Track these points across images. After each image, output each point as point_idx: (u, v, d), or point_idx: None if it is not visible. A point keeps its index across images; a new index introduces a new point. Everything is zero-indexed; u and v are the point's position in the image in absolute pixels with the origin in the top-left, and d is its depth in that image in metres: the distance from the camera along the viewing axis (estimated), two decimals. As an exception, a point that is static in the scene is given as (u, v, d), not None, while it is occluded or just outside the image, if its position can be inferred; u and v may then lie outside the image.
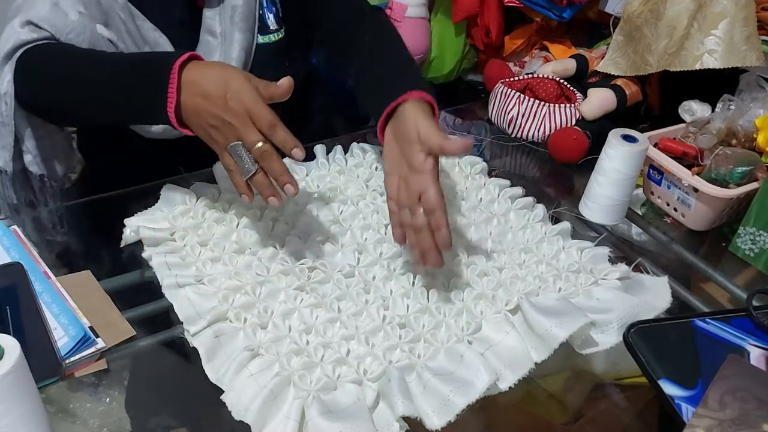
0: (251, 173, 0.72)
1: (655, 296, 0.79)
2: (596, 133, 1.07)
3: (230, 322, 0.72)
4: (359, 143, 1.02)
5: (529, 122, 1.11)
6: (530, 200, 0.93)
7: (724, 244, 0.94)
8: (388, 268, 0.80)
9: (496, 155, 1.11)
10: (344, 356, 0.69)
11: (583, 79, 1.20)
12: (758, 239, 0.88)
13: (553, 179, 1.07)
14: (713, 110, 1.02)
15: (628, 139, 0.90)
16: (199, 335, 0.71)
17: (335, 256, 0.82)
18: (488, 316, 0.74)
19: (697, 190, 0.91)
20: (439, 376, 0.67)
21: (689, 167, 0.94)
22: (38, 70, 0.82)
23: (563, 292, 0.78)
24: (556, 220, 0.92)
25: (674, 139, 1.01)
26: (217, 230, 0.83)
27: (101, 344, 0.69)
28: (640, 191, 1.02)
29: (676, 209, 0.96)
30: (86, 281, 0.77)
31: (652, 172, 0.98)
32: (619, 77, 1.14)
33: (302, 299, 0.75)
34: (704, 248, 0.94)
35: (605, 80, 1.15)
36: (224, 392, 0.65)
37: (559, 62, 1.22)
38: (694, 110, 1.04)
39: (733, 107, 0.99)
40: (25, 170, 0.88)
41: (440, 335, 0.72)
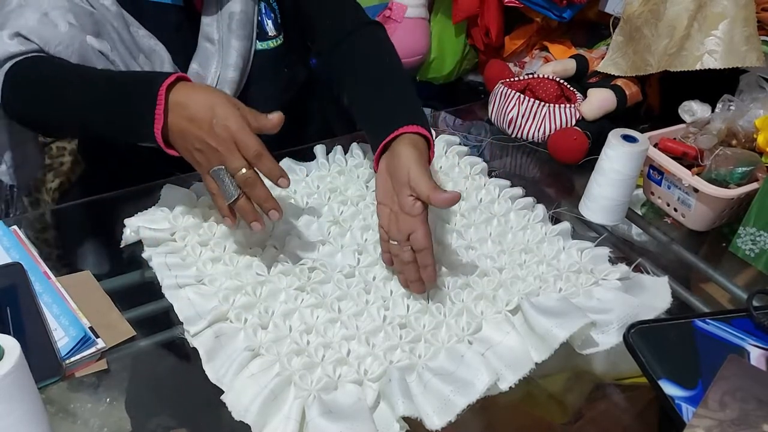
0: (233, 198, 0.73)
1: (655, 296, 0.79)
2: (596, 133, 1.07)
3: (231, 322, 0.72)
4: (359, 143, 1.02)
5: (529, 122, 1.11)
6: (530, 200, 0.93)
7: (724, 244, 0.94)
8: (388, 268, 0.80)
9: (496, 155, 1.11)
10: (345, 356, 0.69)
11: (583, 79, 1.20)
12: (758, 239, 0.88)
13: (553, 179, 1.07)
14: (713, 110, 1.02)
15: (628, 139, 0.90)
16: (199, 335, 0.70)
17: (335, 256, 0.82)
18: (489, 316, 0.74)
19: (697, 190, 0.91)
20: (439, 376, 0.67)
21: (689, 167, 0.94)
22: (27, 85, 0.81)
23: (564, 292, 0.78)
24: (556, 220, 0.92)
25: (674, 139, 1.01)
26: (217, 230, 0.83)
27: (101, 344, 0.69)
28: (640, 191, 1.02)
29: (676, 209, 0.97)
30: (86, 281, 0.77)
31: (652, 172, 0.98)
32: (619, 77, 1.14)
33: (303, 299, 0.75)
34: (704, 248, 0.94)
35: (605, 80, 1.15)
36: (224, 392, 0.65)
37: (559, 62, 1.22)
38: (694, 110, 1.04)
39: (733, 107, 0.99)
40: None
41: (441, 335, 0.72)
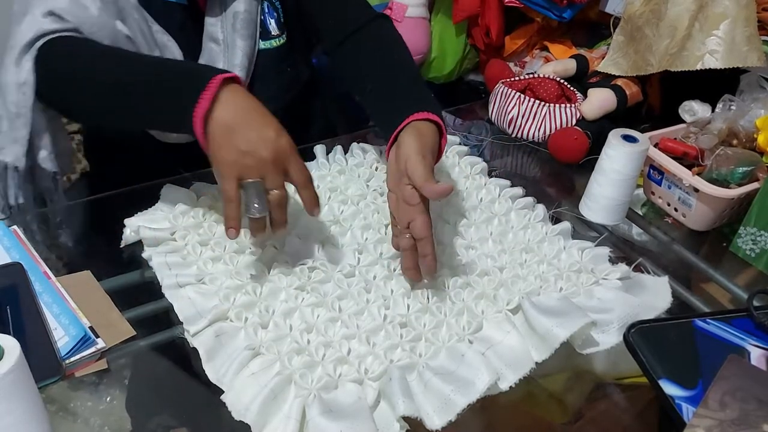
0: (259, 214, 0.71)
1: (655, 296, 0.79)
2: (596, 133, 1.07)
3: (231, 321, 0.72)
4: (359, 143, 1.02)
5: (529, 122, 1.11)
6: (531, 200, 0.93)
7: (724, 244, 0.94)
8: (388, 267, 0.80)
9: (496, 155, 1.11)
10: (345, 355, 0.69)
11: (583, 79, 1.20)
12: (759, 239, 0.88)
13: (553, 179, 1.07)
14: (714, 110, 1.02)
15: (628, 139, 0.90)
16: (199, 335, 0.70)
17: (336, 255, 0.82)
18: (489, 315, 0.74)
19: (697, 190, 0.91)
20: (440, 375, 0.67)
21: (690, 167, 0.94)
22: (63, 62, 0.79)
23: (564, 291, 0.78)
24: (556, 220, 0.92)
25: (675, 139, 1.01)
26: (217, 230, 0.83)
27: (101, 344, 0.69)
28: (640, 191, 1.02)
29: (676, 209, 0.96)
30: (86, 281, 0.77)
31: (652, 172, 0.98)
32: (619, 77, 1.14)
33: (303, 298, 0.75)
34: (705, 248, 0.94)
35: (605, 80, 1.15)
36: (224, 392, 0.65)
37: (559, 62, 1.22)
38: (694, 110, 1.04)
39: (733, 107, 0.99)
40: (32, 167, 0.85)
41: (441, 334, 0.72)
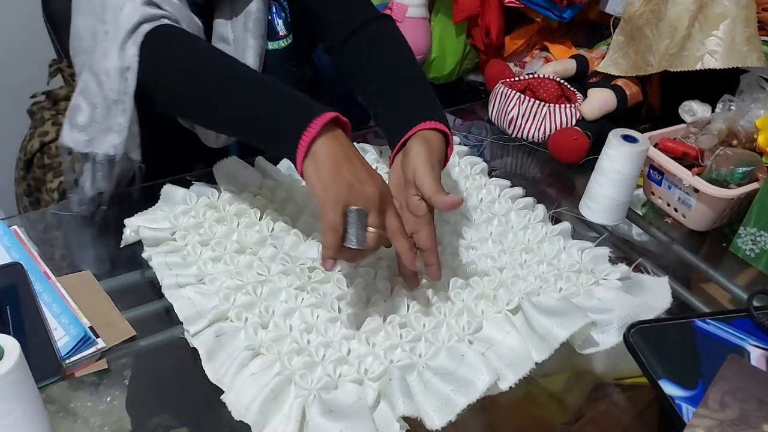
0: (357, 246, 0.68)
1: (655, 296, 0.79)
2: (596, 133, 1.07)
3: (231, 321, 0.72)
4: (359, 143, 1.02)
5: (529, 122, 1.11)
6: (531, 200, 0.93)
7: (724, 244, 0.94)
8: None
9: (496, 155, 1.11)
10: (345, 356, 0.69)
11: (583, 79, 1.20)
12: (759, 239, 0.88)
13: (553, 179, 1.07)
14: (714, 111, 1.02)
15: (628, 139, 0.90)
16: (199, 335, 0.70)
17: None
18: (489, 315, 0.74)
19: (697, 190, 0.91)
20: (439, 375, 0.67)
21: (690, 167, 0.94)
22: (173, 53, 0.79)
23: (564, 292, 0.78)
24: (556, 220, 0.92)
25: (675, 139, 1.01)
26: (217, 230, 0.83)
27: (101, 344, 0.69)
28: (640, 191, 1.02)
29: (676, 209, 0.96)
30: (86, 281, 0.77)
31: (652, 172, 0.98)
32: (619, 77, 1.15)
33: (303, 299, 0.75)
34: (705, 248, 0.94)
35: (605, 80, 1.15)
36: (224, 392, 0.65)
37: (559, 62, 1.22)
38: (694, 110, 1.04)
39: (733, 108, 0.99)
40: (112, 157, 0.82)
41: (441, 335, 0.72)
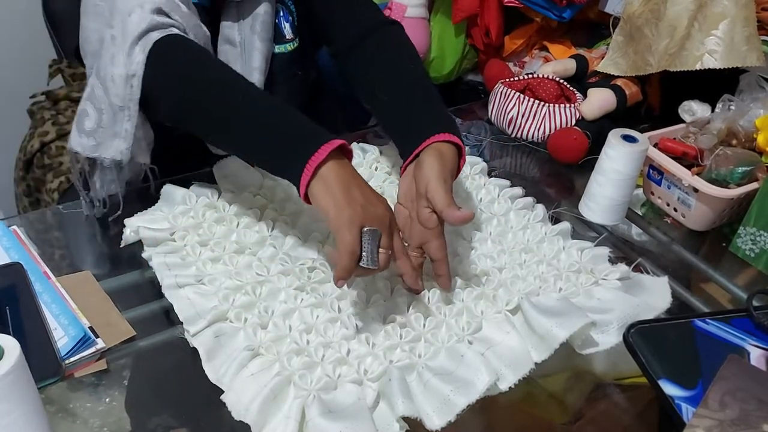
0: (371, 266, 0.68)
1: (655, 296, 0.79)
2: (596, 133, 1.07)
3: (230, 321, 0.72)
4: (359, 143, 1.02)
5: (529, 122, 1.11)
6: (530, 200, 0.93)
7: (724, 244, 0.94)
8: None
9: (496, 155, 1.11)
10: (345, 356, 0.69)
11: (583, 79, 1.20)
12: (758, 239, 0.88)
13: (553, 179, 1.07)
14: (713, 110, 1.02)
15: (628, 139, 0.90)
16: (199, 335, 0.70)
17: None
18: (489, 316, 0.74)
19: (697, 190, 0.91)
20: (439, 375, 0.67)
21: (689, 167, 0.94)
22: (181, 65, 0.78)
23: (564, 292, 0.78)
24: (556, 220, 0.92)
25: (674, 139, 1.01)
26: (217, 230, 0.83)
27: (101, 344, 0.69)
28: (640, 191, 1.02)
29: (676, 209, 0.96)
30: (86, 281, 0.77)
31: (652, 172, 0.98)
32: (619, 77, 1.14)
33: (302, 299, 0.75)
34: (704, 248, 0.94)
35: (605, 80, 1.15)
36: (224, 392, 0.65)
37: (559, 62, 1.22)
38: (694, 110, 1.04)
39: (733, 107, 0.99)
40: (119, 162, 0.83)
41: (441, 335, 0.72)
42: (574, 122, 1.10)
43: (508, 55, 1.36)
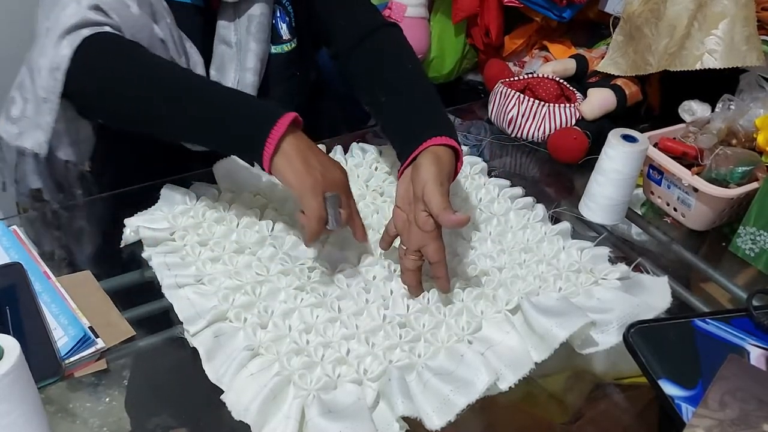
0: (337, 227, 0.76)
1: (655, 296, 0.79)
2: (596, 133, 1.07)
3: (230, 321, 0.72)
4: (359, 143, 1.02)
5: (529, 122, 1.11)
6: (530, 200, 0.93)
7: (724, 244, 0.94)
8: (388, 268, 0.80)
9: (496, 155, 1.11)
10: (344, 356, 0.69)
11: (583, 79, 1.20)
12: (758, 239, 0.88)
13: (553, 179, 1.07)
14: (713, 110, 1.02)
15: (628, 139, 0.90)
16: (198, 335, 0.70)
17: (335, 255, 0.82)
18: (488, 315, 0.74)
19: (697, 190, 0.91)
20: (439, 375, 0.67)
21: (689, 167, 0.94)
22: (114, 59, 0.78)
23: (563, 291, 0.78)
24: (556, 220, 0.92)
25: (674, 139, 1.01)
26: (217, 230, 0.83)
27: (101, 344, 0.69)
28: (640, 191, 1.02)
29: (676, 209, 0.96)
30: (86, 281, 0.77)
31: (652, 172, 0.98)
32: (619, 77, 1.14)
33: (302, 299, 0.75)
34: (704, 248, 0.94)
35: (605, 80, 1.15)
36: (224, 392, 0.65)
37: (559, 62, 1.22)
38: (694, 110, 1.03)
39: (733, 107, 0.99)
40: (48, 156, 0.83)
41: (440, 335, 0.72)
42: (574, 122, 1.10)
43: (508, 54, 1.37)
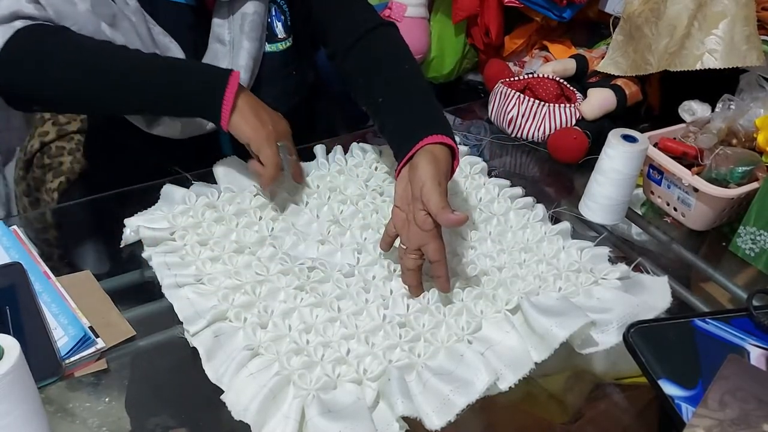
0: (288, 171, 0.89)
1: (655, 296, 0.79)
2: (596, 133, 1.07)
3: (230, 321, 0.72)
4: (359, 143, 1.02)
5: (529, 122, 1.11)
6: (530, 200, 0.93)
7: (724, 243, 0.94)
8: (387, 267, 0.80)
9: (496, 155, 1.11)
10: (344, 355, 0.69)
11: (583, 79, 1.20)
12: (758, 239, 0.88)
13: (553, 179, 1.07)
14: (713, 110, 1.02)
15: (628, 139, 0.90)
16: (198, 335, 0.70)
17: (335, 255, 0.82)
18: (488, 315, 0.74)
19: (697, 189, 0.91)
20: (439, 375, 0.67)
21: (689, 167, 0.94)
22: (48, 49, 0.80)
23: (563, 291, 0.78)
24: (556, 219, 0.92)
25: (674, 139, 1.01)
26: (216, 230, 0.83)
27: (101, 344, 0.69)
28: (640, 191, 1.02)
29: (676, 209, 0.96)
30: (86, 281, 0.77)
31: (652, 171, 0.98)
32: (619, 77, 1.14)
33: (302, 299, 0.75)
34: (704, 248, 0.94)
35: (605, 80, 1.15)
36: (224, 392, 0.65)
37: (559, 62, 1.22)
38: (694, 110, 1.03)
39: (733, 107, 0.99)
40: None
41: (440, 335, 0.72)
42: (574, 122, 1.10)
43: (508, 54, 1.36)
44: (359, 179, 0.94)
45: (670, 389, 0.65)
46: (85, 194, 0.94)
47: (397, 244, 0.80)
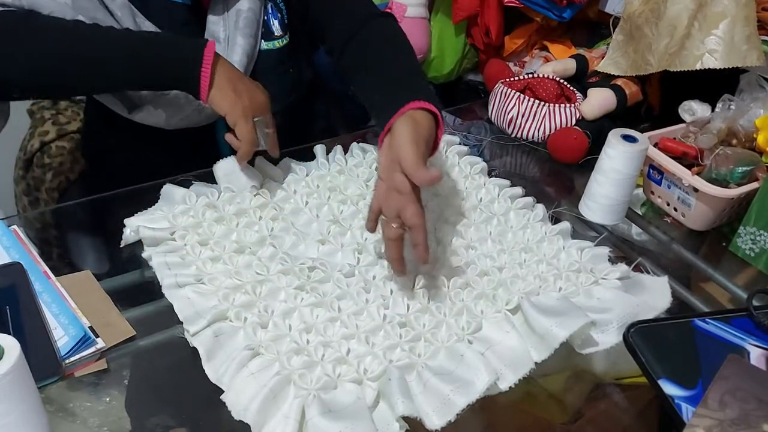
0: (266, 146, 0.87)
1: (655, 296, 0.79)
2: (596, 133, 1.07)
3: (230, 321, 0.72)
4: (359, 143, 1.02)
5: (529, 122, 1.11)
6: (530, 200, 0.93)
7: (724, 243, 0.94)
8: (388, 267, 0.80)
9: (496, 155, 1.11)
10: (344, 355, 0.69)
11: (583, 79, 1.20)
12: (758, 239, 0.88)
13: (553, 179, 1.07)
14: (713, 110, 1.02)
15: (628, 139, 0.90)
16: (198, 335, 0.70)
17: (335, 255, 0.82)
18: (488, 315, 0.74)
19: (697, 189, 0.91)
20: (439, 375, 0.67)
21: (689, 167, 0.94)
22: (21, 33, 0.78)
23: (563, 291, 0.78)
24: (556, 219, 0.92)
25: (674, 139, 1.01)
26: (217, 229, 0.83)
27: (101, 344, 0.69)
28: (640, 191, 1.02)
29: (676, 209, 0.96)
30: (86, 281, 0.77)
31: (652, 171, 0.98)
32: (619, 77, 1.14)
33: (302, 298, 0.75)
34: (704, 248, 0.94)
35: (605, 80, 1.15)
36: (224, 392, 0.65)
37: (559, 62, 1.22)
38: (694, 110, 1.03)
39: (733, 107, 0.99)
40: None
41: (440, 334, 0.72)
42: (574, 122, 1.10)
43: (508, 54, 1.36)
44: (359, 179, 0.94)
45: (670, 389, 0.65)
46: (85, 194, 0.94)
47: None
